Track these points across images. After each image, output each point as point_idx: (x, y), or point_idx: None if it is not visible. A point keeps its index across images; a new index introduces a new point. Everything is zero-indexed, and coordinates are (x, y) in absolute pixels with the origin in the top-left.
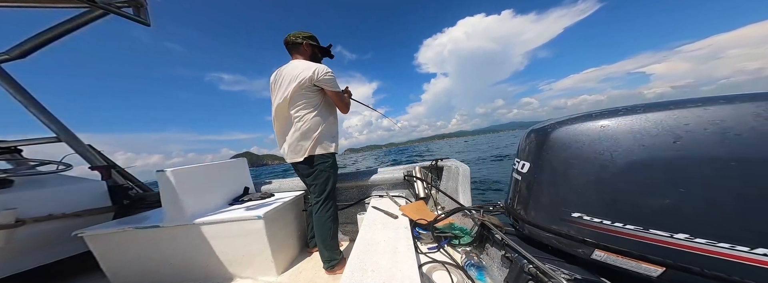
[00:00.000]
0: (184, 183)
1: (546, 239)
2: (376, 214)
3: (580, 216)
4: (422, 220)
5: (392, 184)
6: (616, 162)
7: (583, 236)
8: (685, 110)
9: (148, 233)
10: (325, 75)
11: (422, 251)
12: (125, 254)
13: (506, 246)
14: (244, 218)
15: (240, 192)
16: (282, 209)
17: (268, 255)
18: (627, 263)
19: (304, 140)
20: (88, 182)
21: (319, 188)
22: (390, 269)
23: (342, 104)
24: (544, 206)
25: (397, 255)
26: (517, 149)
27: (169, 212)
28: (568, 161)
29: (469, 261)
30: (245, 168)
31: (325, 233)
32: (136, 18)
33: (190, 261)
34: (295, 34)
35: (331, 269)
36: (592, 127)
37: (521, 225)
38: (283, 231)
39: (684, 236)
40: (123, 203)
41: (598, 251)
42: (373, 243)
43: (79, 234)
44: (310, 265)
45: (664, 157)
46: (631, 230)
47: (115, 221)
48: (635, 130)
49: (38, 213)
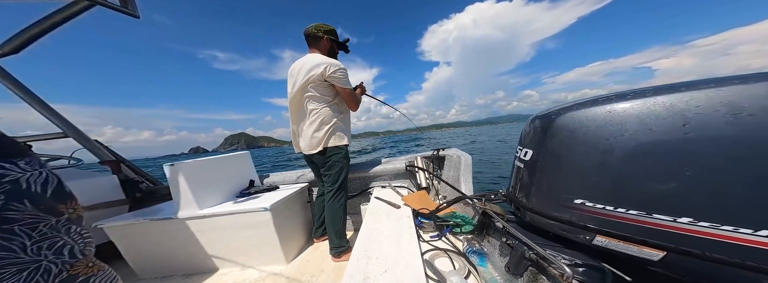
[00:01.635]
0: (193, 176)
1: (547, 225)
2: (380, 204)
3: (582, 202)
4: (424, 209)
5: (394, 174)
6: (621, 147)
7: (584, 222)
8: (697, 92)
9: (163, 225)
10: (335, 72)
11: (425, 240)
12: (143, 244)
13: (507, 233)
14: (252, 209)
15: (246, 185)
16: (288, 200)
17: (276, 245)
18: (628, 248)
19: (318, 132)
20: (100, 176)
21: (332, 178)
22: (394, 256)
23: (352, 101)
24: (546, 193)
25: (400, 243)
26: (519, 137)
27: (180, 204)
28: (572, 147)
29: (471, 248)
30: (250, 161)
31: (336, 221)
32: (123, 10)
33: (204, 251)
34: (316, 26)
35: (338, 256)
36: (599, 111)
37: (523, 212)
38: (289, 222)
39: (687, 220)
40: (135, 195)
41: (600, 236)
42: (376, 232)
43: (99, 225)
44: (317, 254)
45: (672, 140)
46: (633, 215)
47: (131, 213)
48: (644, 114)
49: None
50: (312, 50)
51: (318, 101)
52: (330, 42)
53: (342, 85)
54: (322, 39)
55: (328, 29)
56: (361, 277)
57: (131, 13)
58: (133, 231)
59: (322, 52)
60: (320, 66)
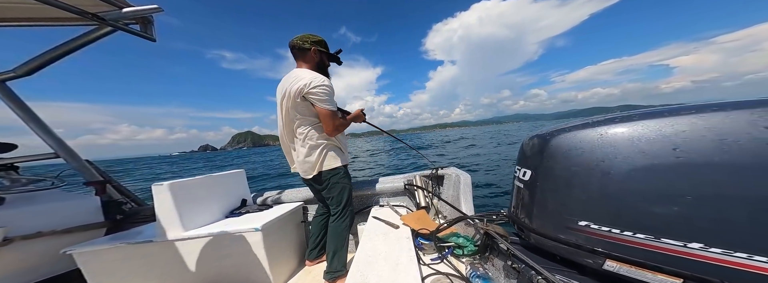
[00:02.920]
0: (180, 196)
1: (553, 248)
2: (377, 224)
3: (587, 225)
4: (424, 230)
5: (392, 193)
6: (617, 169)
7: (592, 245)
8: (680, 118)
9: (141, 249)
10: (315, 87)
11: (425, 262)
12: (116, 272)
13: (512, 256)
14: (242, 230)
15: (238, 204)
16: (281, 220)
17: (265, 268)
18: (642, 275)
19: (310, 157)
20: (80, 198)
21: (335, 200)
22: (392, 281)
23: (329, 124)
24: (548, 215)
25: (399, 266)
26: (517, 156)
27: (163, 226)
28: (569, 168)
29: (474, 272)
30: (243, 180)
31: (339, 243)
32: (143, 34)
33: (185, 276)
34: (303, 37)
35: (332, 281)
36: (591, 134)
37: (527, 234)
38: (281, 243)
39: (698, 246)
40: (116, 218)
41: (610, 261)
42: (374, 254)
43: (68, 252)
44: (309, 278)
45: (665, 164)
46: (641, 239)
47: (107, 237)
48: (634, 138)
49: (27, 231)
50: (299, 64)
51: (306, 124)
52: (319, 54)
53: (320, 105)
54: (309, 51)
55: (317, 40)
56: None
57: (149, 38)
58: (106, 257)
59: (310, 65)
60: (302, 81)
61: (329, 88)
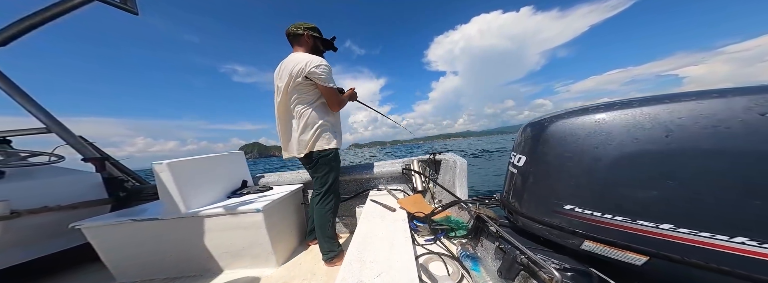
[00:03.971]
0: (181, 176)
1: (538, 230)
2: (375, 207)
3: (572, 208)
4: (419, 213)
5: (391, 177)
6: (608, 155)
7: (573, 227)
8: (679, 104)
9: (147, 226)
10: (316, 67)
11: (419, 243)
12: (125, 246)
13: (500, 238)
14: (244, 211)
15: (238, 185)
16: (281, 202)
17: (267, 247)
18: (613, 253)
19: (304, 135)
20: (82, 174)
21: (320, 181)
22: (387, 260)
23: (333, 101)
24: (537, 199)
25: (394, 247)
26: (514, 143)
27: (166, 205)
28: (562, 154)
29: (465, 252)
30: (243, 161)
31: (324, 226)
32: (123, 6)
33: (190, 253)
34: (297, 25)
35: (330, 261)
36: (588, 120)
37: (515, 217)
38: (282, 224)
39: (668, 227)
40: (119, 195)
41: (588, 241)
42: (371, 236)
43: (77, 226)
44: (310, 257)
45: (655, 150)
46: (619, 221)
47: (114, 213)
48: (630, 124)
49: (32, 205)
50: (295, 49)
51: (303, 103)
52: (312, 38)
53: (322, 83)
54: (302, 36)
55: (309, 26)
56: (353, 281)
57: (130, 10)
58: (114, 232)
59: (306, 49)
60: (302, 62)
61: (328, 68)
